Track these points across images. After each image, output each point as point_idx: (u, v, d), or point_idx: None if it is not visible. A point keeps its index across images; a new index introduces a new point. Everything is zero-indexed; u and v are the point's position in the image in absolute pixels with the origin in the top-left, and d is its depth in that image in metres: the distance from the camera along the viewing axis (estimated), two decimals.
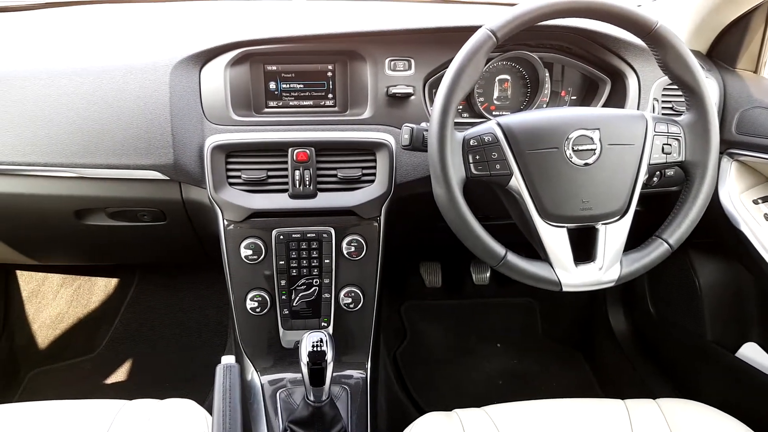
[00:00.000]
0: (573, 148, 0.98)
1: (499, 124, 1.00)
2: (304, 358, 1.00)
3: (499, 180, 1.00)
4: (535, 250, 1.04)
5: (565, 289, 1.01)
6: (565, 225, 1.00)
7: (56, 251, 1.66)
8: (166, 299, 2.11)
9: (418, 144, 1.05)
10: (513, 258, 0.99)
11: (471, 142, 0.99)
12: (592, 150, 0.98)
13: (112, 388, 1.91)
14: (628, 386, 1.87)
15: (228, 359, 0.94)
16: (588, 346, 2.07)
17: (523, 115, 1.03)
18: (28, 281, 2.03)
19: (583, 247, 1.03)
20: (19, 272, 2.02)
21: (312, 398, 1.04)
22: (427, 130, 1.04)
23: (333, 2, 1.75)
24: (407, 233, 1.57)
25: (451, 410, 1.12)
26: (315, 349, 1.00)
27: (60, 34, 1.42)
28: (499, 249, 0.99)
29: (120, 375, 1.95)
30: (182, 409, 1.09)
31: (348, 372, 1.34)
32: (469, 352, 2.05)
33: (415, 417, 1.12)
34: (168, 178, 1.22)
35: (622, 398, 1.14)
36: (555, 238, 1.00)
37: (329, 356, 1.00)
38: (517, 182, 0.99)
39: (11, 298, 1.99)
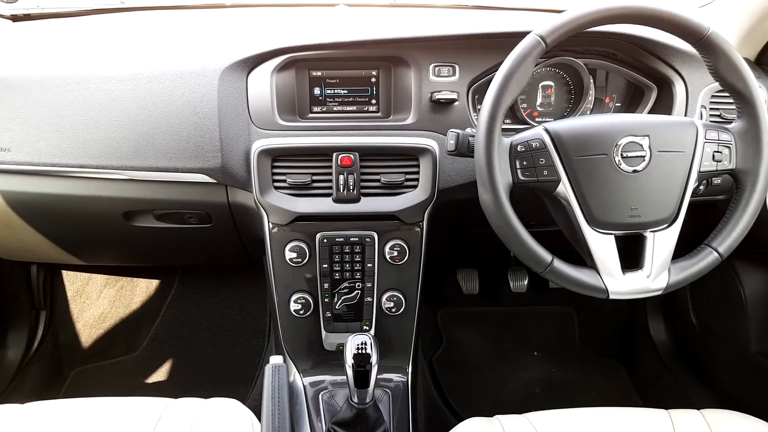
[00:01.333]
0: (622, 155, 0.98)
1: (546, 130, 1.00)
2: (349, 360, 1.00)
3: (547, 186, 0.99)
4: (579, 258, 1.04)
5: (612, 296, 1.00)
6: (613, 232, 0.99)
7: (103, 252, 1.70)
8: (205, 301, 2.15)
9: (463, 149, 1.05)
10: (559, 264, 0.99)
11: (518, 148, 0.99)
12: (641, 157, 0.98)
13: (153, 387, 1.94)
14: (668, 397, 1.84)
15: (276, 359, 0.95)
16: (627, 356, 2.04)
17: (570, 121, 1.03)
18: (73, 281, 2.08)
19: (630, 255, 1.02)
20: (64, 272, 2.07)
21: (356, 400, 1.05)
22: (472, 136, 1.04)
23: (374, 8, 1.77)
24: (447, 239, 1.57)
25: (491, 416, 1.12)
26: (360, 351, 1.00)
27: (110, 40, 1.46)
28: (546, 255, 0.99)
29: (160, 374, 1.99)
30: (227, 408, 1.10)
31: (388, 375, 1.34)
32: (505, 360, 2.04)
33: (452, 422, 1.12)
34: (215, 181, 1.25)
35: (665, 408, 1.12)
36: (602, 245, 0.99)
37: (374, 359, 1.00)
38: (564, 188, 0.98)
39: (56, 298, 2.04)
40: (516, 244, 0.98)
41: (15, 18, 1.72)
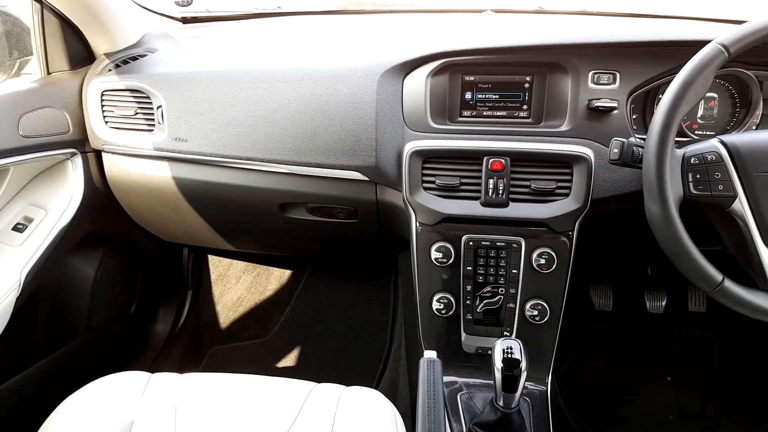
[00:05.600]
0: None
1: (723, 143, 0.95)
2: (498, 364, 1.00)
3: (721, 202, 0.95)
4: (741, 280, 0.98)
5: None
6: None
7: (254, 239, 1.81)
8: (332, 293, 2.22)
9: (627, 159, 1.03)
10: (730, 285, 0.94)
11: (692, 160, 0.95)
12: None
13: (282, 371, 2.03)
14: None
15: (430, 354, 0.97)
16: None
17: (750, 135, 0.98)
18: (216, 265, 2.24)
19: None
20: (210, 257, 2.23)
21: (501, 404, 1.05)
22: (638, 145, 1.01)
23: (520, 14, 1.76)
24: (595, 250, 1.52)
25: None
26: (509, 355, 1.00)
27: (274, 41, 1.55)
28: (716, 274, 0.94)
29: (288, 360, 2.08)
30: (369, 397, 1.14)
31: (527, 384, 1.33)
32: (635, 382, 1.95)
33: None
34: (367, 179, 1.29)
35: None
36: None
37: (523, 364, 1.00)
38: (740, 205, 0.94)
39: (202, 280, 2.21)
40: (685, 261, 0.94)
41: (184, 20, 1.88)
